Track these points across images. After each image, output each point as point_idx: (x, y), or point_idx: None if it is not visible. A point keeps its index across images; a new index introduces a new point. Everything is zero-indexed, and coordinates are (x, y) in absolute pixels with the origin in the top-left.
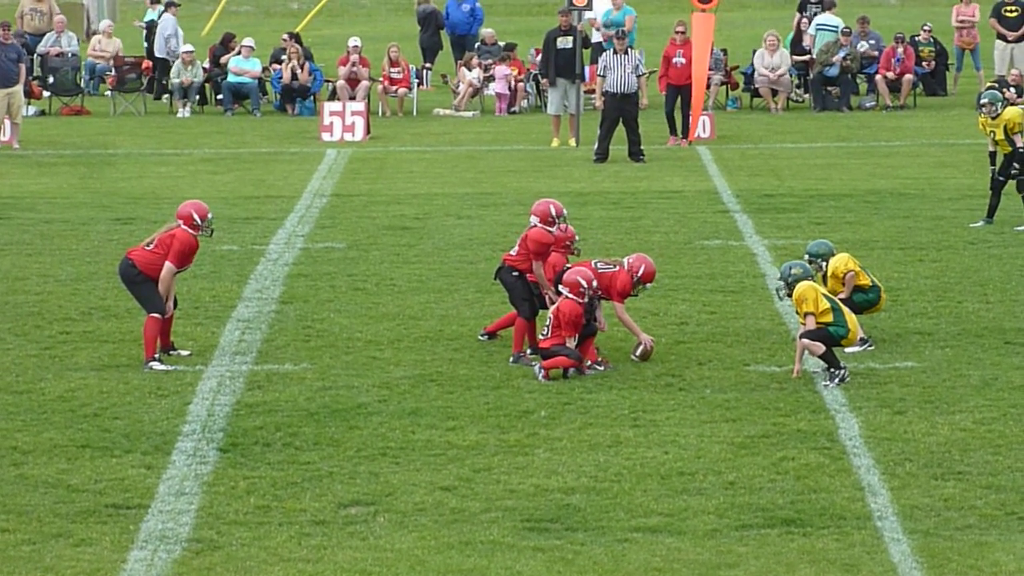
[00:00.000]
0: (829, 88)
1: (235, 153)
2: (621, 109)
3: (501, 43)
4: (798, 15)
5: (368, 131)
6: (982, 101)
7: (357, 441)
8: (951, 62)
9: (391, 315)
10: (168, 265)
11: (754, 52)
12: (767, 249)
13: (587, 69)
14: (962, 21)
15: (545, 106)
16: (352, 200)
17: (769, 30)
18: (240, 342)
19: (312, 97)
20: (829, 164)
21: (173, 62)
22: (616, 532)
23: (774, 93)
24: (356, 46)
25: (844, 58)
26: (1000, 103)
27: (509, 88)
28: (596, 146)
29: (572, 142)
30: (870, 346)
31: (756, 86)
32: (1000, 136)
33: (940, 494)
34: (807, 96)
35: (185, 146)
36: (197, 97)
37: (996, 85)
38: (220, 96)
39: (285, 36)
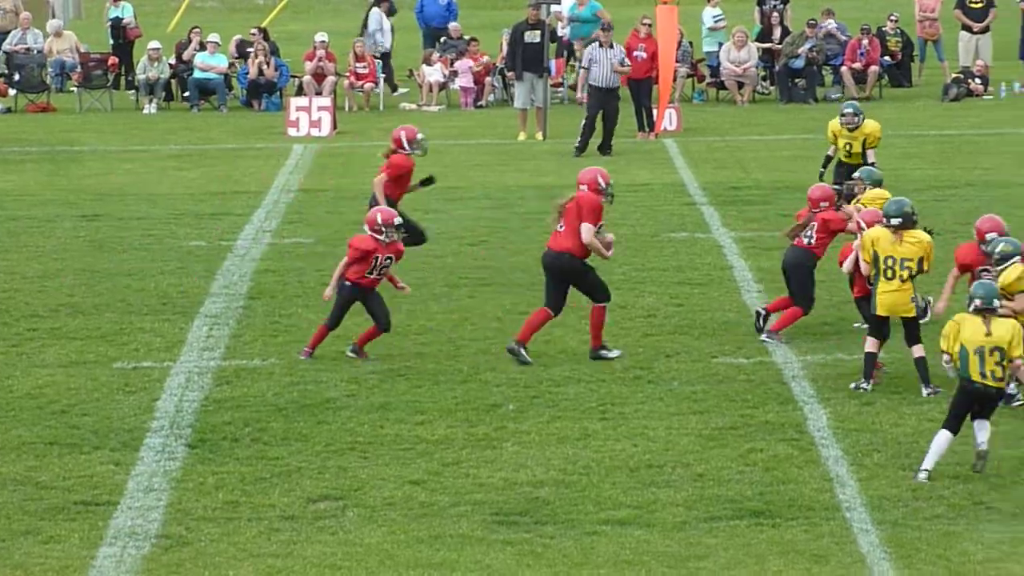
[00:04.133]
0: (795, 80)
1: (202, 149)
2: (605, 103)
3: (467, 37)
4: (758, 9)
5: (335, 126)
6: (846, 110)
7: (326, 436)
8: (915, 53)
9: (358, 310)
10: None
11: (719, 45)
12: (734, 241)
13: (553, 63)
14: (925, 14)
15: (512, 100)
16: (319, 195)
17: (737, 26)
18: (208, 338)
19: (278, 92)
20: (795, 156)
21: (378, 56)
22: (585, 525)
23: (740, 85)
24: (323, 41)
25: (810, 50)
26: (861, 115)
27: (475, 82)
28: (578, 139)
29: (539, 136)
30: None
31: (722, 79)
32: (857, 149)
33: (908, 484)
34: (773, 88)
35: (152, 142)
36: (163, 93)
37: (961, 76)
38: (186, 92)
39: (254, 30)
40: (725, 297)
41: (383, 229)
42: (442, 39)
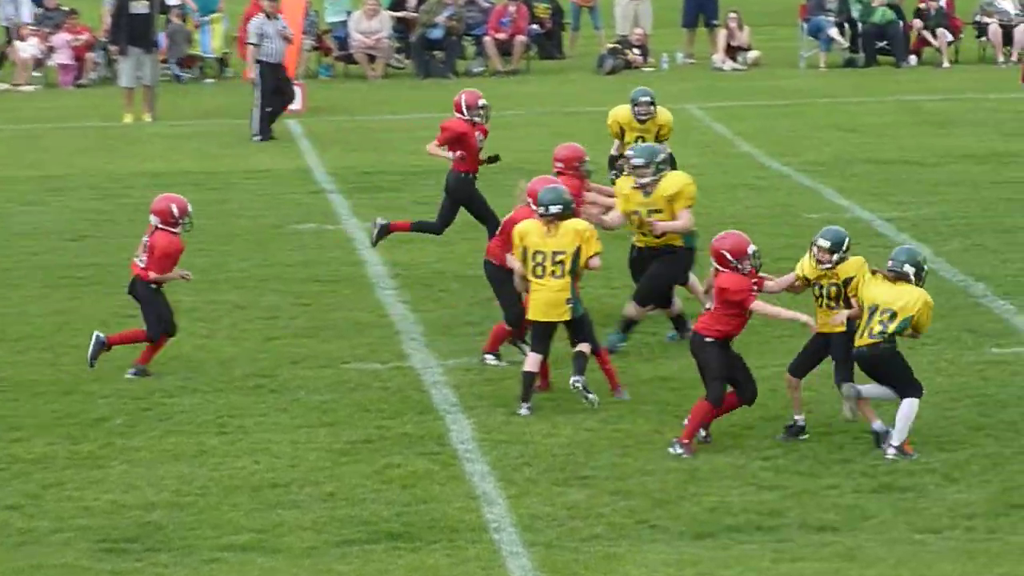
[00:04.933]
0: (433, 52)
1: None
2: (277, 79)
3: (65, 8)
4: None
5: None
6: (641, 98)
7: None
8: (567, 21)
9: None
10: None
11: (348, 15)
12: (366, 233)
13: (163, 37)
14: None
15: (116, 77)
16: None
17: None
18: None
19: None
20: (434, 137)
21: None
22: (203, 551)
23: (371, 59)
24: None
25: (449, 18)
26: (655, 103)
27: (75, 58)
28: (257, 124)
29: (147, 117)
30: None
31: (351, 52)
32: (650, 140)
33: (563, 502)
34: (408, 62)
35: None
36: None
37: (619, 46)
38: None
39: None
40: (357, 295)
41: (181, 221)
42: (37, 11)
